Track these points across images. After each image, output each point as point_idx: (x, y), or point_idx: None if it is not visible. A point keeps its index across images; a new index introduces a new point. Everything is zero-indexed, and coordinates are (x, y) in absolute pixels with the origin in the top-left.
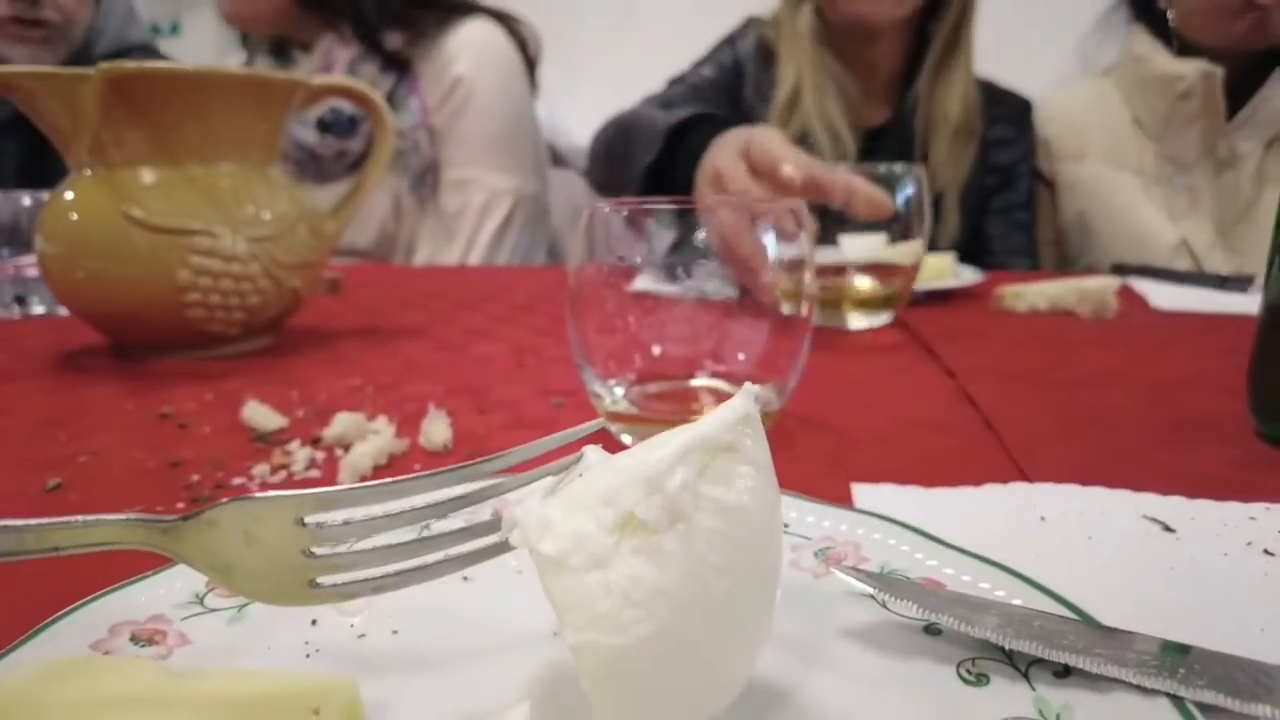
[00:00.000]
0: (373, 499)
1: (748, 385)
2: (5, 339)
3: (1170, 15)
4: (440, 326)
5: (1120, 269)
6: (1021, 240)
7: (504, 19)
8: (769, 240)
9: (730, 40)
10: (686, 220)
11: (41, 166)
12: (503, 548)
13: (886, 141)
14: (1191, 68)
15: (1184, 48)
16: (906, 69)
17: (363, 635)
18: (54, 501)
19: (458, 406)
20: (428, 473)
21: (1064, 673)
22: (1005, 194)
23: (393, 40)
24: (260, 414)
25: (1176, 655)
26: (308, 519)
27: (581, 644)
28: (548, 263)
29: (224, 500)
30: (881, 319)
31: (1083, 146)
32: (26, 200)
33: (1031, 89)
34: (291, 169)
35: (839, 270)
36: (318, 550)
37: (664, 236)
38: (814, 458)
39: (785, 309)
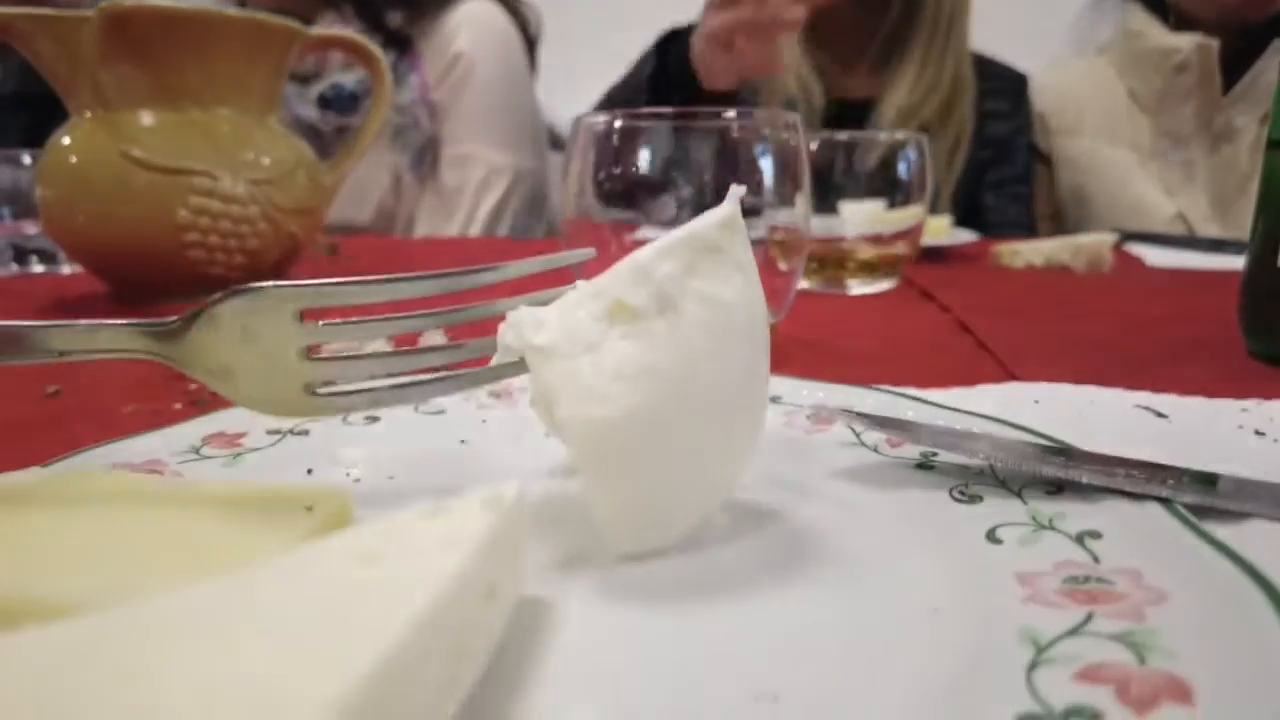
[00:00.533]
0: (371, 293)
1: (734, 188)
2: (3, 292)
3: None
4: None
5: (1119, 233)
6: (1018, 213)
7: None
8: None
9: None
10: (678, 136)
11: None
12: (501, 371)
13: (872, 116)
14: (1187, 41)
15: (1180, 22)
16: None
17: (358, 480)
18: (54, 406)
19: (453, 332)
20: (424, 273)
21: (1056, 490)
22: (1001, 167)
23: (394, 18)
24: None
25: (1202, 484)
26: (305, 312)
27: (570, 417)
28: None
29: (222, 293)
30: (884, 285)
31: (1078, 121)
32: (27, 159)
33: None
34: None
35: (841, 239)
36: (316, 339)
37: (659, 149)
38: (808, 372)
39: (782, 266)
